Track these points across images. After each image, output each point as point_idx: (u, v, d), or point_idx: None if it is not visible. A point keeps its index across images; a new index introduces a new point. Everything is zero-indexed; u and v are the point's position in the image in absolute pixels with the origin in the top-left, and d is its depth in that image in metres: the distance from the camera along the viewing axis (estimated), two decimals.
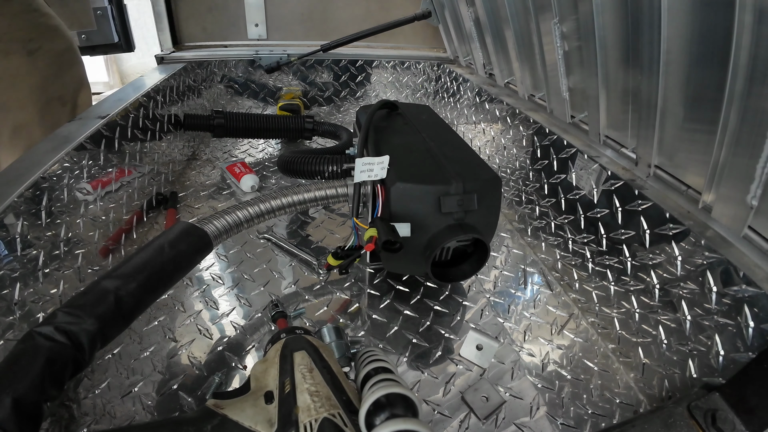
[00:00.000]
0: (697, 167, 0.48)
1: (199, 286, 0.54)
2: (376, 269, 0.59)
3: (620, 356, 0.48)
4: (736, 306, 0.38)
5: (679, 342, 0.43)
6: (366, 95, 1.28)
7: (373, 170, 0.46)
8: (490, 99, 0.94)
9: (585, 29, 0.56)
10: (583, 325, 0.52)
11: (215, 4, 1.17)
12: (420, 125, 0.60)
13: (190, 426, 0.27)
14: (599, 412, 0.42)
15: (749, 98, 0.37)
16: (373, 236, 0.40)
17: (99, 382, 0.41)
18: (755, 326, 0.36)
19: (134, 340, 0.46)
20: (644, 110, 0.51)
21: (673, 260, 0.45)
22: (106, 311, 0.32)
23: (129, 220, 0.61)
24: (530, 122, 0.76)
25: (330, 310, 0.52)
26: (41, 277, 0.51)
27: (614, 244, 0.54)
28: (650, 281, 0.48)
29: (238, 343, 0.47)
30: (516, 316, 0.53)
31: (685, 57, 0.46)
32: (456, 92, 1.13)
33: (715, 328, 0.40)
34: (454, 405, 0.42)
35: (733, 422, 0.27)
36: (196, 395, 0.41)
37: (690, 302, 0.43)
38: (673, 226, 0.46)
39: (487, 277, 0.60)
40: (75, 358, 0.29)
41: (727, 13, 0.38)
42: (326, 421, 0.25)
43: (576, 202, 0.61)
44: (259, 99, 1.21)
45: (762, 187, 0.37)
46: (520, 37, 0.78)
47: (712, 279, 0.41)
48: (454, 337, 0.50)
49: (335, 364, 0.32)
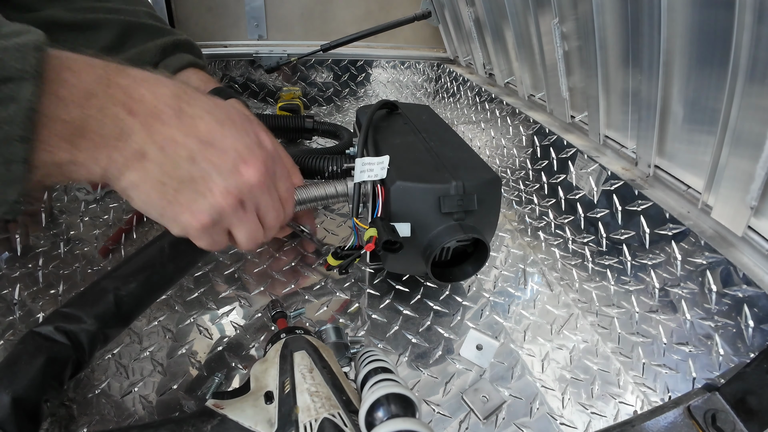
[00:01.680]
0: (697, 167, 0.48)
1: (199, 286, 0.54)
2: (376, 269, 0.59)
3: (620, 356, 0.48)
4: (736, 306, 0.38)
5: (679, 342, 0.43)
6: (366, 95, 1.28)
7: (374, 170, 0.46)
8: (490, 99, 0.94)
9: (585, 29, 0.56)
10: (583, 325, 0.52)
11: (215, 4, 1.16)
12: (420, 125, 0.60)
13: (190, 426, 0.27)
14: (599, 412, 0.42)
15: (749, 98, 0.37)
16: (373, 236, 0.40)
17: (99, 382, 0.41)
18: (755, 326, 0.36)
19: (134, 340, 0.46)
20: (644, 110, 0.51)
21: (673, 260, 0.45)
22: (106, 311, 0.32)
23: (129, 220, 0.61)
24: (530, 122, 0.76)
25: (330, 310, 0.52)
26: (41, 278, 0.51)
27: (614, 244, 0.54)
28: (650, 281, 0.48)
29: (238, 343, 0.47)
30: (516, 316, 0.53)
31: (685, 57, 0.46)
32: (456, 92, 1.13)
33: (715, 328, 0.40)
34: (454, 405, 0.42)
35: (733, 422, 0.27)
36: (196, 395, 0.41)
37: (690, 302, 0.43)
38: (673, 226, 0.46)
39: (487, 277, 0.60)
40: (75, 358, 0.29)
41: (727, 13, 0.38)
42: (326, 421, 0.25)
43: (576, 202, 0.61)
44: (258, 99, 1.21)
45: (762, 187, 0.37)
46: (520, 37, 0.78)
47: (712, 279, 0.41)
48: (454, 337, 0.50)
49: (335, 364, 0.32)
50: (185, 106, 0.29)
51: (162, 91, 0.29)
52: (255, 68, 1.18)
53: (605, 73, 0.57)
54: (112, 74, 0.27)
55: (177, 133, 0.28)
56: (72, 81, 0.25)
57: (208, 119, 0.30)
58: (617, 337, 0.49)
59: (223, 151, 0.30)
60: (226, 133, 0.30)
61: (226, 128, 0.31)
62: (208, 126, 0.30)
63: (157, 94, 0.28)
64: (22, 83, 0.23)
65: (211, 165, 0.30)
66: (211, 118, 0.30)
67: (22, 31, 0.24)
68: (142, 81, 0.28)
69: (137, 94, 0.28)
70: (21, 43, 0.23)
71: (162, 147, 0.28)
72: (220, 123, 0.31)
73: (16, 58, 0.23)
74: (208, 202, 0.30)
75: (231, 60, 1.16)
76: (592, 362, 0.48)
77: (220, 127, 0.30)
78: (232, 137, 0.31)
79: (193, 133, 0.29)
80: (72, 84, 0.25)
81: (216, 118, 0.30)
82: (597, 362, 0.48)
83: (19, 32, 0.24)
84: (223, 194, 0.31)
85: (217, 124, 0.30)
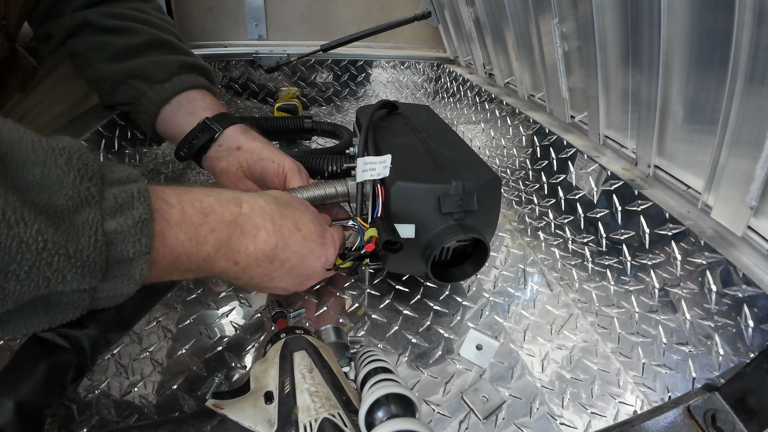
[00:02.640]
0: (697, 167, 0.48)
1: (198, 286, 0.54)
2: (376, 269, 0.59)
3: (620, 356, 0.48)
4: (735, 306, 0.38)
5: (678, 342, 0.43)
6: (366, 95, 1.28)
7: (376, 169, 0.46)
8: (490, 99, 0.94)
9: (585, 29, 0.56)
10: (583, 325, 0.52)
11: (215, 4, 1.16)
12: (420, 125, 0.60)
13: (190, 426, 0.27)
14: (599, 412, 0.42)
15: (749, 98, 0.37)
16: (374, 236, 0.40)
17: (99, 382, 0.41)
18: (755, 326, 0.36)
19: (134, 340, 0.46)
20: (644, 110, 0.51)
21: (673, 260, 0.45)
22: (108, 315, 0.32)
23: None
24: (530, 122, 0.76)
25: (330, 311, 0.52)
26: None
27: (614, 244, 0.54)
28: (650, 281, 0.48)
29: (238, 343, 0.47)
30: (516, 316, 0.53)
31: (685, 57, 0.46)
32: (456, 92, 1.13)
33: (714, 328, 0.40)
34: (454, 405, 0.42)
35: (733, 422, 0.27)
36: (196, 395, 0.41)
37: (690, 302, 0.43)
38: (672, 226, 0.46)
39: (486, 277, 0.60)
40: (77, 363, 0.29)
41: (727, 13, 0.38)
42: (326, 421, 0.25)
43: (576, 202, 0.61)
44: (258, 99, 1.21)
45: (762, 187, 0.37)
46: (519, 37, 0.78)
47: (711, 279, 0.41)
48: (454, 337, 0.50)
49: (335, 364, 0.32)
50: (279, 253, 0.37)
51: (255, 245, 0.35)
52: (255, 68, 1.18)
53: (605, 73, 0.57)
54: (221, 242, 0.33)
55: (276, 270, 0.38)
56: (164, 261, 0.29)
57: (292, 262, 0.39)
58: (617, 337, 0.49)
59: (299, 258, 0.39)
60: (289, 249, 0.38)
61: (286, 246, 0.38)
62: (283, 255, 0.38)
63: (255, 249, 0.35)
64: (137, 261, 0.25)
65: (295, 270, 0.39)
66: (277, 243, 0.37)
67: (130, 202, 0.25)
68: (239, 239, 0.34)
69: (242, 258, 0.35)
70: (132, 225, 0.25)
71: (263, 282, 0.39)
72: (280, 249, 0.37)
73: (133, 242, 0.25)
74: (307, 284, 0.43)
75: (231, 60, 1.16)
76: (592, 362, 0.48)
77: (282, 250, 0.37)
78: (295, 251, 0.39)
79: (286, 266, 0.38)
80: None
81: (297, 257, 0.39)
82: (597, 362, 0.48)
83: (128, 204, 0.25)
84: (310, 279, 0.42)
85: (279, 250, 0.37)
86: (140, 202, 0.26)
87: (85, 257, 0.22)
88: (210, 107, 0.57)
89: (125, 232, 0.24)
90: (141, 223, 0.25)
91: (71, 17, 0.56)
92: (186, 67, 0.58)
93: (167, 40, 0.59)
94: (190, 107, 0.56)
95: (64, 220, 0.22)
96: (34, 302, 0.22)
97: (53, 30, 0.57)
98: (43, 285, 0.21)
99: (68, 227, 0.22)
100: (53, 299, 0.23)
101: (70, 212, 0.22)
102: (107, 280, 0.25)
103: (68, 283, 0.22)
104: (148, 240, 0.26)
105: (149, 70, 0.55)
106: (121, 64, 0.55)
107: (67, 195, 0.22)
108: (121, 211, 0.25)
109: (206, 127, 0.54)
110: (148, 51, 0.56)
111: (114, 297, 0.26)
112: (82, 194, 0.23)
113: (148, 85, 0.55)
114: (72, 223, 0.22)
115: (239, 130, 0.55)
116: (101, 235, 0.23)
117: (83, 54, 0.56)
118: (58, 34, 0.57)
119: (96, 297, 0.25)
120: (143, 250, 0.25)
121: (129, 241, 0.24)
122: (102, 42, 0.55)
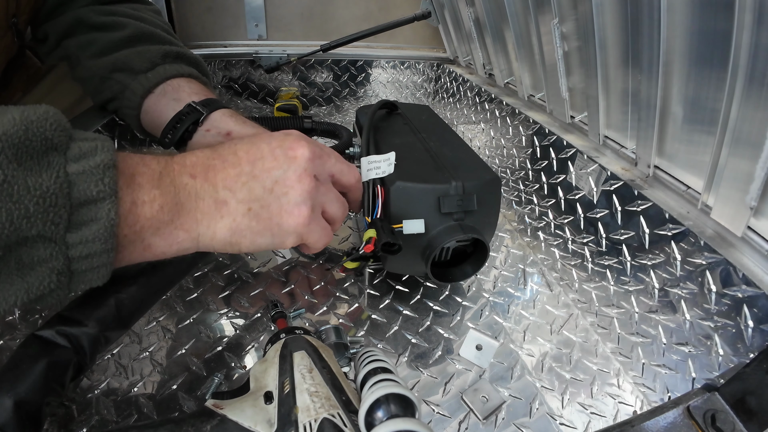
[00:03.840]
0: (696, 167, 0.48)
1: (198, 286, 0.54)
2: (376, 269, 0.59)
3: (620, 356, 0.48)
4: (735, 306, 0.38)
5: (678, 342, 0.43)
6: (366, 95, 1.28)
7: (381, 167, 0.45)
8: (489, 99, 0.94)
9: (585, 29, 0.56)
10: (582, 325, 0.52)
11: (215, 4, 1.16)
12: (420, 125, 0.60)
13: (190, 426, 0.27)
14: (599, 412, 0.42)
15: (749, 98, 0.37)
16: (372, 237, 0.40)
17: (98, 382, 0.41)
18: (755, 326, 0.36)
19: (134, 340, 0.46)
20: (644, 110, 0.51)
21: (673, 261, 0.45)
22: (107, 314, 0.32)
23: None
24: (530, 122, 0.76)
25: (330, 311, 0.52)
26: None
27: (614, 245, 0.54)
28: (650, 281, 0.48)
29: (237, 343, 0.47)
30: (515, 316, 0.53)
31: (685, 57, 0.46)
32: (456, 92, 1.13)
33: (714, 328, 0.40)
34: (454, 405, 0.42)
35: (733, 423, 0.27)
36: (196, 395, 0.41)
37: (689, 302, 0.43)
38: (672, 226, 0.46)
39: (486, 277, 0.60)
40: (76, 362, 0.29)
41: (727, 13, 0.38)
42: (326, 421, 0.25)
43: (575, 203, 0.61)
44: (258, 99, 1.21)
45: (761, 187, 0.37)
46: (519, 37, 0.78)
47: (711, 279, 0.41)
48: (454, 337, 0.50)
49: (335, 364, 0.32)
50: (221, 150, 0.34)
51: (198, 153, 0.33)
52: (255, 68, 1.18)
53: (605, 74, 0.57)
54: (167, 160, 0.31)
55: (230, 170, 0.33)
56: (140, 181, 0.28)
57: (243, 147, 0.35)
58: (617, 338, 0.49)
59: (271, 157, 0.34)
60: (260, 146, 0.35)
61: (256, 144, 0.35)
62: (246, 151, 0.34)
63: (198, 155, 0.33)
64: (102, 203, 0.25)
65: (270, 170, 0.34)
66: (244, 145, 0.35)
67: (94, 151, 0.26)
68: (184, 156, 0.33)
69: (189, 162, 0.32)
70: (94, 165, 0.25)
71: (228, 186, 0.32)
72: (251, 143, 0.35)
73: (95, 181, 0.25)
74: (296, 194, 0.34)
75: (231, 60, 1.16)
76: (591, 362, 0.48)
77: (253, 146, 0.35)
78: (267, 143, 0.35)
79: (241, 162, 0.33)
80: (145, 174, 0.29)
81: (247, 143, 0.35)
82: (597, 362, 0.48)
83: (92, 152, 0.25)
84: (299, 180, 0.34)
85: (251, 145, 0.35)
86: (103, 150, 0.26)
87: (46, 190, 0.23)
88: (197, 93, 0.53)
89: (87, 173, 0.24)
90: (103, 165, 0.25)
91: (67, 16, 0.55)
92: (170, 56, 0.55)
93: (152, 32, 0.56)
94: (174, 94, 0.52)
95: (30, 162, 0.23)
96: (6, 263, 0.23)
97: (50, 30, 0.56)
98: (7, 220, 0.21)
99: (32, 166, 0.23)
100: (25, 257, 0.23)
101: (39, 156, 0.23)
102: (75, 228, 0.24)
103: (32, 219, 0.22)
104: (112, 181, 0.25)
105: (132, 61, 0.52)
106: (105, 58, 0.53)
107: (38, 140, 0.23)
108: (84, 157, 0.25)
109: (192, 110, 0.50)
110: (132, 43, 0.54)
111: (92, 261, 0.25)
112: (49, 142, 0.24)
113: (131, 76, 0.52)
114: (37, 163, 0.23)
115: (227, 114, 0.51)
116: (63, 173, 0.24)
117: (74, 53, 0.55)
118: (54, 35, 0.56)
119: (70, 256, 0.24)
120: (107, 191, 0.25)
121: (91, 180, 0.24)
122: (90, 39, 0.54)
